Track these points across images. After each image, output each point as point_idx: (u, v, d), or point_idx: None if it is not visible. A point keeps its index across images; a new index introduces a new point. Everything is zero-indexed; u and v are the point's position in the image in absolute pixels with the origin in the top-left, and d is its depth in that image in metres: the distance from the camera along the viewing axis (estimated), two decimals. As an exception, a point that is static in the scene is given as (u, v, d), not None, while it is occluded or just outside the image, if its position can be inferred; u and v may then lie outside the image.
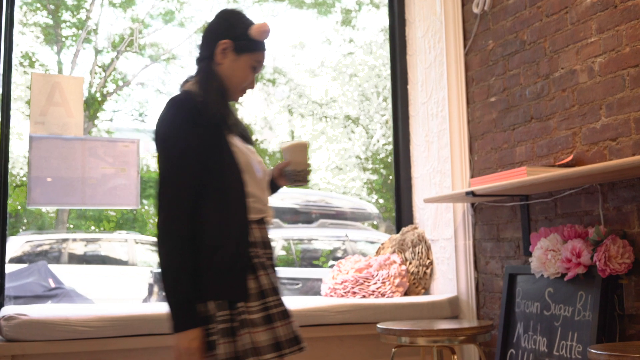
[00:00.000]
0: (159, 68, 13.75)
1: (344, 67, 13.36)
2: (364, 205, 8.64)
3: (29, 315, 2.30)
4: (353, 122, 13.38)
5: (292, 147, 1.95)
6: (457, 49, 3.23)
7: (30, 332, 2.27)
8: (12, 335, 2.28)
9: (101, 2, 12.19)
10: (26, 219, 13.38)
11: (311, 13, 13.17)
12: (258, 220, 1.78)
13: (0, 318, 2.33)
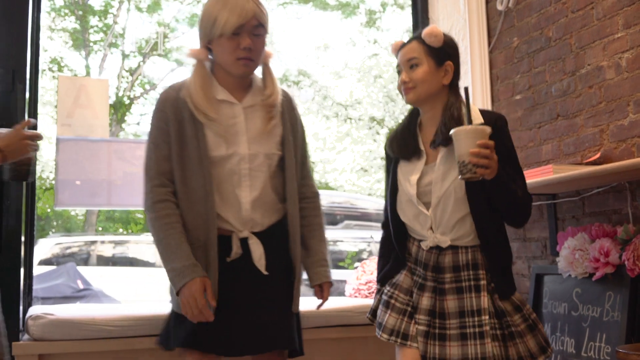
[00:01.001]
0: (184, 72, 13.87)
1: (368, 68, 13.34)
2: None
3: (56, 315, 2.33)
4: (378, 123, 13.34)
5: (456, 133, 1.72)
6: (481, 47, 3.20)
7: (56, 331, 2.30)
8: (38, 335, 2.31)
9: (128, 7, 12.34)
10: (55, 222, 13.59)
11: (335, 15, 13.17)
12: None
13: (27, 318, 2.36)
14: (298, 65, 13.48)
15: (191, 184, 1.85)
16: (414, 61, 1.90)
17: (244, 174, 1.87)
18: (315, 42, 13.75)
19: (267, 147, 1.91)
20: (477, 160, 1.67)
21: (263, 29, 1.87)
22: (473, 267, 1.87)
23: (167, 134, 1.87)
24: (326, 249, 2.05)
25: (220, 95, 1.90)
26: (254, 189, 1.88)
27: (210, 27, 1.85)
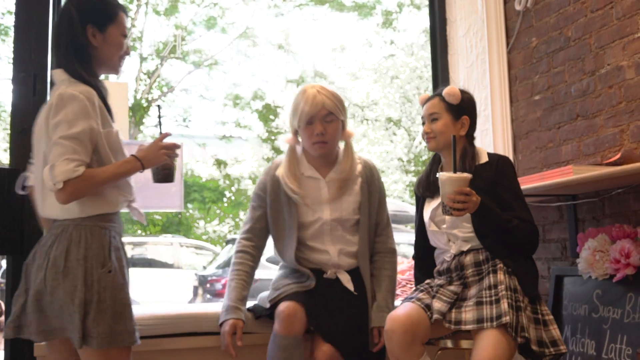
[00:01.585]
0: (202, 74, 13.96)
1: (385, 69, 13.32)
2: (406, 207, 8.57)
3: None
4: (395, 124, 13.32)
5: (440, 179, 2.07)
6: (499, 47, 3.18)
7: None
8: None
9: (145, 10, 12.44)
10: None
11: (352, 16, 13.18)
12: None
13: None
14: (314, 67, 13.51)
15: (284, 241, 2.37)
16: (434, 115, 2.28)
17: (326, 233, 2.35)
18: (331, 43, 13.78)
19: (345, 213, 2.35)
20: (452, 204, 2.02)
21: (334, 116, 2.29)
22: (492, 258, 2.17)
23: (263, 200, 2.39)
24: (392, 298, 2.37)
25: (307, 172, 2.38)
26: (336, 242, 2.36)
27: (294, 118, 2.33)
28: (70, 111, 1.79)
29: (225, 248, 8.20)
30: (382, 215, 2.45)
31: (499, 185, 2.18)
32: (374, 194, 2.42)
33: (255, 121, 13.72)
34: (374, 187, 2.43)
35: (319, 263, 2.37)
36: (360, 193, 2.39)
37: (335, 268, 2.37)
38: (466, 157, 2.25)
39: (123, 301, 1.84)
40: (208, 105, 13.73)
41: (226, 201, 14.08)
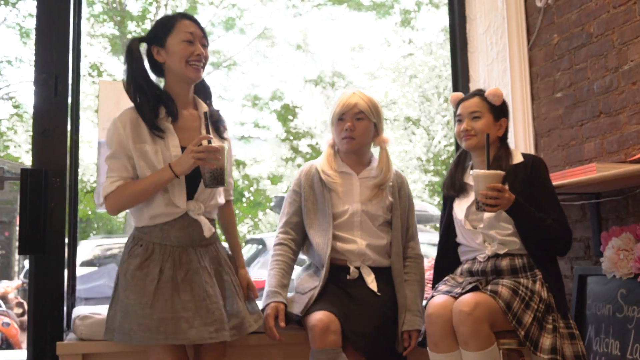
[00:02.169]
0: (220, 75, 14.00)
1: (403, 68, 13.28)
2: (426, 207, 8.53)
3: (103, 315, 2.36)
4: (414, 123, 13.27)
5: (473, 176, 2.15)
6: (520, 44, 3.15)
7: (102, 331, 2.33)
8: (86, 334, 2.34)
9: (165, 11, 12.51)
10: (96, 224, 13.86)
11: (370, 15, 13.15)
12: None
13: (75, 317, 2.40)
14: (333, 67, 13.49)
15: (317, 227, 2.42)
16: (476, 114, 2.33)
17: (356, 225, 2.40)
18: (349, 43, 13.74)
19: (374, 209, 2.42)
20: (485, 200, 2.08)
21: (364, 115, 2.39)
22: (529, 268, 2.22)
23: (298, 195, 2.48)
24: (421, 302, 2.40)
25: (341, 168, 2.47)
26: (364, 235, 2.40)
27: (330, 117, 2.47)
28: (109, 136, 2.08)
29: (245, 247, 8.21)
30: (412, 221, 2.52)
31: (533, 185, 2.24)
32: (404, 199, 2.50)
33: (274, 121, 13.74)
34: (404, 192, 2.51)
35: (346, 253, 2.39)
36: (391, 196, 2.47)
37: (361, 260, 2.39)
38: (501, 159, 2.30)
39: (126, 301, 2.03)
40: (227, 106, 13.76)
41: (245, 201, 14.12)
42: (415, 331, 2.31)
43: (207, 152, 1.94)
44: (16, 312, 6.89)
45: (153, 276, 2.02)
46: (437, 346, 2.10)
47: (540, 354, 2.02)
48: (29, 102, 13.06)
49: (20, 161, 12.80)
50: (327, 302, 2.25)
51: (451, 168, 2.49)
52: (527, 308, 2.09)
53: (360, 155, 2.49)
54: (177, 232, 2.07)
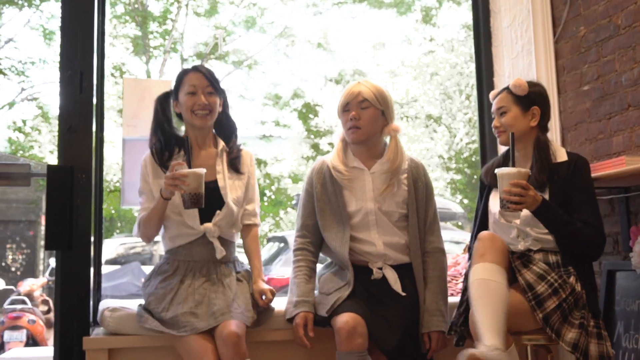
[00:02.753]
0: (241, 74, 14.05)
1: (424, 65, 13.20)
2: (448, 204, 8.48)
3: (132, 309, 2.38)
4: (435, 121, 13.19)
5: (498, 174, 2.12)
6: (546, 37, 3.11)
7: (132, 324, 2.34)
8: (113, 327, 2.35)
9: (186, 11, 12.59)
10: (120, 223, 13.98)
11: (390, 13, 13.08)
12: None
13: (103, 309, 2.41)
14: (353, 65, 13.45)
15: (332, 229, 2.39)
16: (502, 109, 2.32)
17: (372, 224, 2.36)
18: (370, 40, 13.69)
19: (389, 205, 2.37)
20: (508, 197, 2.05)
21: (369, 103, 2.35)
22: (563, 265, 2.17)
23: (311, 195, 2.45)
24: (442, 300, 2.34)
25: (352, 163, 2.42)
26: (382, 234, 2.36)
27: (337, 109, 2.43)
28: (140, 173, 2.43)
29: (267, 246, 8.23)
30: (429, 212, 2.44)
31: (573, 185, 2.19)
32: (420, 191, 2.42)
33: (295, 120, 13.75)
34: (420, 183, 2.43)
35: (365, 255, 2.36)
36: (406, 189, 2.40)
37: (382, 260, 2.35)
38: (540, 150, 2.25)
39: (146, 307, 2.30)
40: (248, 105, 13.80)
41: (266, 200, 14.14)
42: (435, 332, 2.27)
43: (173, 179, 2.14)
44: (42, 309, 6.97)
45: (172, 286, 2.27)
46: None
47: (563, 344, 1.99)
48: (53, 102, 13.23)
49: (44, 161, 12.95)
50: (353, 303, 2.22)
51: (498, 160, 2.43)
52: (554, 294, 2.03)
53: (371, 147, 2.41)
54: (199, 249, 2.34)
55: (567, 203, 2.17)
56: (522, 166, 2.27)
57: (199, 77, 2.38)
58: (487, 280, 1.98)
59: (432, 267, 2.38)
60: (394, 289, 2.30)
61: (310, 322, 2.25)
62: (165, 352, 2.39)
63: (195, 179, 2.13)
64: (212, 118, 2.40)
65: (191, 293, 2.25)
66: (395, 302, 2.28)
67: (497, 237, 2.12)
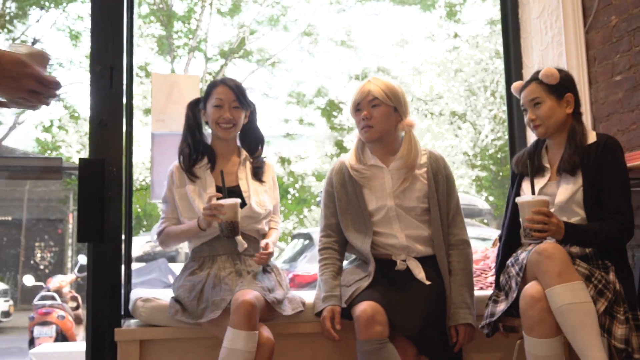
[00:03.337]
0: (265, 72, 14.11)
1: (449, 62, 13.12)
2: (474, 201, 8.41)
3: (164, 300, 2.40)
4: (459, 118, 13.10)
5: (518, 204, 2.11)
6: (576, 28, 3.06)
7: (163, 316, 2.36)
8: (145, 317, 2.38)
9: (210, 11, 12.66)
10: (146, 221, 14.11)
11: (414, 9, 13.03)
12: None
13: (136, 299, 2.44)
14: (377, 62, 13.43)
15: (354, 228, 2.41)
16: (536, 100, 2.25)
17: (394, 219, 2.37)
18: (393, 37, 13.65)
19: (409, 201, 2.37)
20: (531, 225, 2.02)
21: (379, 101, 2.36)
22: (600, 257, 2.14)
23: (332, 194, 2.47)
24: (468, 292, 2.33)
25: (370, 161, 2.44)
26: (404, 228, 2.36)
27: (350, 110, 2.45)
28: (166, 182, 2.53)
29: (291, 243, 8.25)
30: (451, 205, 2.42)
31: (602, 167, 2.14)
32: (441, 184, 2.42)
33: (319, 118, 13.76)
34: (440, 176, 2.43)
35: (388, 247, 2.37)
36: (426, 183, 2.40)
37: (405, 253, 2.35)
38: (575, 135, 2.21)
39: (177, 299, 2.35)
40: (271, 103, 13.85)
41: (290, 198, 14.18)
42: (462, 325, 2.26)
43: (210, 209, 2.25)
44: (70, 305, 7.05)
45: (201, 278, 2.33)
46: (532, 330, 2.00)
47: (615, 342, 1.96)
48: (80, 102, 13.39)
49: (71, 161, 13.12)
50: (372, 292, 2.22)
51: (531, 147, 2.39)
52: (600, 296, 2.00)
53: (387, 144, 2.43)
54: (222, 243, 2.40)
55: (599, 186, 2.13)
56: (557, 154, 2.25)
57: (226, 91, 2.46)
58: (580, 303, 1.92)
59: (457, 260, 2.37)
60: (418, 279, 2.30)
61: (337, 315, 2.26)
62: (196, 344, 2.40)
63: (231, 209, 2.24)
64: (235, 131, 2.51)
65: (218, 283, 2.29)
66: (418, 290, 2.27)
67: (559, 247, 2.02)
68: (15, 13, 11.69)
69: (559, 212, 2.18)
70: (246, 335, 2.08)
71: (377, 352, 2.08)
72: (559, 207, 2.18)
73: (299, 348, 2.46)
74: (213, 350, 2.36)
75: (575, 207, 2.16)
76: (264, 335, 2.16)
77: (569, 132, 2.23)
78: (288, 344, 2.40)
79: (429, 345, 2.20)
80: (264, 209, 2.47)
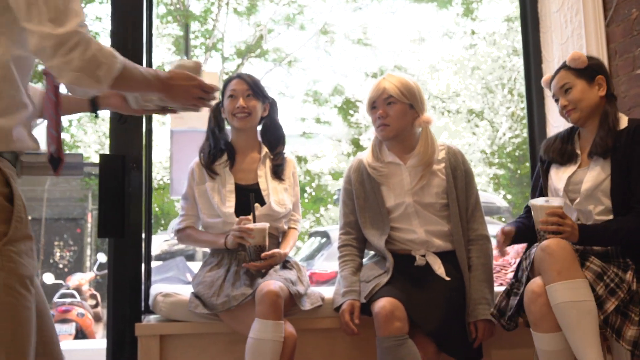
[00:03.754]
0: (281, 72, 14.12)
1: (466, 60, 13.05)
2: (492, 198, 8.37)
3: (184, 295, 2.41)
4: (477, 116, 13.03)
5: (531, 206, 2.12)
6: (596, 21, 3.03)
7: (183, 311, 2.37)
8: (166, 312, 2.39)
9: (226, 10, 12.70)
10: (163, 220, 14.19)
11: (430, 7, 12.96)
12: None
13: (156, 294, 2.45)
14: (394, 60, 13.39)
15: (372, 225, 2.42)
16: (566, 86, 2.22)
17: (412, 215, 2.36)
18: (410, 35, 13.61)
19: (428, 197, 2.37)
20: (545, 227, 2.01)
21: (394, 99, 2.35)
22: (622, 255, 2.10)
23: (350, 192, 2.48)
24: (488, 288, 2.31)
25: (388, 158, 2.44)
26: (423, 223, 2.36)
27: (365, 107, 2.46)
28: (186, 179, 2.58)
29: (308, 242, 8.26)
30: (470, 200, 2.42)
31: (633, 154, 2.08)
32: (460, 179, 2.41)
33: (335, 117, 13.75)
34: (459, 171, 2.42)
35: (407, 243, 2.36)
36: (445, 178, 2.40)
37: (424, 248, 2.35)
38: (607, 117, 2.16)
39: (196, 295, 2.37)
40: (288, 103, 13.85)
41: (307, 197, 14.19)
42: (482, 321, 2.25)
43: (240, 232, 2.28)
44: (90, 303, 7.12)
45: (220, 274, 2.35)
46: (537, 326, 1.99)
47: (623, 343, 1.93)
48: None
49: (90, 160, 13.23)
50: (392, 288, 2.22)
51: (563, 132, 2.35)
52: (611, 295, 1.96)
53: (404, 141, 2.43)
54: (230, 241, 2.38)
55: (628, 174, 2.08)
56: (589, 139, 2.22)
57: (239, 82, 2.51)
58: (578, 302, 1.89)
59: (477, 255, 2.36)
60: (438, 274, 2.30)
61: (357, 309, 2.27)
62: (216, 339, 2.42)
63: (259, 233, 2.29)
64: (251, 121, 2.51)
65: (238, 279, 2.31)
66: (438, 286, 2.27)
67: (564, 244, 1.97)
68: (34, 14, 11.79)
69: (584, 201, 2.14)
70: (274, 324, 2.09)
71: (397, 349, 2.07)
72: (584, 195, 2.15)
73: (318, 344, 2.47)
74: (233, 345, 2.38)
75: (601, 195, 2.12)
76: (287, 329, 2.17)
77: (601, 115, 2.19)
78: (307, 339, 2.40)
79: (448, 342, 2.19)
80: (283, 208, 2.48)
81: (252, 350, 2.09)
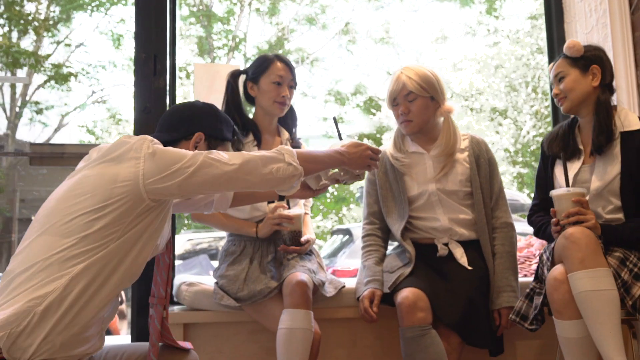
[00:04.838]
0: (303, 71, 14.16)
1: (489, 58, 12.95)
2: (516, 196, 8.30)
3: (208, 285, 2.43)
4: (500, 114, 12.92)
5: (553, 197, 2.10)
6: (622, 9, 3.00)
7: (207, 300, 2.39)
8: (189, 301, 2.41)
9: (249, 11, 12.76)
10: (186, 219, 14.30)
11: (453, 5, 12.91)
12: None
13: (180, 283, 2.47)
14: (416, 58, 13.35)
15: (394, 214, 2.43)
16: (560, 74, 2.23)
17: (436, 204, 2.36)
18: (432, 33, 13.55)
19: (451, 185, 2.37)
20: (567, 220, 2.00)
21: (415, 94, 2.34)
22: (637, 249, 2.06)
23: (374, 183, 2.49)
24: (512, 275, 2.31)
25: (412, 148, 2.45)
26: (446, 211, 2.36)
27: (386, 101, 2.45)
28: None
29: (330, 239, 8.27)
30: (494, 188, 2.41)
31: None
32: (483, 167, 2.42)
33: (357, 116, 13.74)
34: (482, 159, 2.42)
35: (430, 231, 2.37)
36: (468, 167, 2.40)
37: (447, 236, 2.35)
38: (599, 111, 2.16)
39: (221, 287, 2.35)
40: (310, 102, 13.88)
41: (329, 197, 14.19)
42: (505, 309, 2.23)
43: (281, 218, 2.29)
44: (115, 300, 7.18)
45: (243, 267, 2.32)
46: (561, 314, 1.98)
47: None
48: (122, 105, 13.64)
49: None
50: (415, 279, 2.22)
51: (564, 126, 2.34)
52: (636, 280, 1.96)
53: (428, 131, 2.44)
54: (265, 229, 2.37)
55: (639, 175, 2.07)
56: (589, 133, 2.21)
57: (286, 70, 2.45)
58: (600, 291, 1.86)
59: (501, 243, 2.36)
60: (460, 263, 2.29)
61: (377, 298, 2.27)
62: (240, 328, 2.43)
63: (298, 219, 2.32)
64: (287, 109, 2.51)
65: (262, 271, 2.31)
66: (461, 276, 2.25)
67: (588, 232, 1.95)
68: (59, 17, 11.97)
69: (592, 200, 2.14)
70: (305, 313, 2.11)
71: (420, 339, 2.06)
72: (593, 194, 2.14)
73: (340, 333, 2.47)
74: (256, 334, 2.39)
75: (610, 195, 2.11)
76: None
77: (594, 106, 2.18)
78: (329, 328, 2.40)
79: (472, 333, 2.17)
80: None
81: (285, 339, 2.08)
